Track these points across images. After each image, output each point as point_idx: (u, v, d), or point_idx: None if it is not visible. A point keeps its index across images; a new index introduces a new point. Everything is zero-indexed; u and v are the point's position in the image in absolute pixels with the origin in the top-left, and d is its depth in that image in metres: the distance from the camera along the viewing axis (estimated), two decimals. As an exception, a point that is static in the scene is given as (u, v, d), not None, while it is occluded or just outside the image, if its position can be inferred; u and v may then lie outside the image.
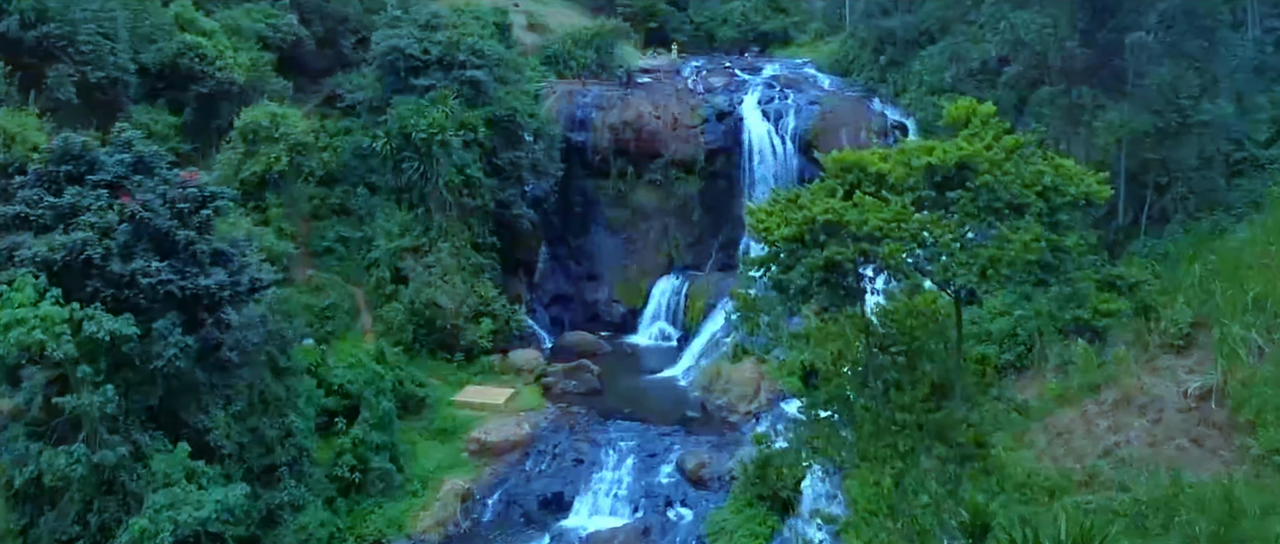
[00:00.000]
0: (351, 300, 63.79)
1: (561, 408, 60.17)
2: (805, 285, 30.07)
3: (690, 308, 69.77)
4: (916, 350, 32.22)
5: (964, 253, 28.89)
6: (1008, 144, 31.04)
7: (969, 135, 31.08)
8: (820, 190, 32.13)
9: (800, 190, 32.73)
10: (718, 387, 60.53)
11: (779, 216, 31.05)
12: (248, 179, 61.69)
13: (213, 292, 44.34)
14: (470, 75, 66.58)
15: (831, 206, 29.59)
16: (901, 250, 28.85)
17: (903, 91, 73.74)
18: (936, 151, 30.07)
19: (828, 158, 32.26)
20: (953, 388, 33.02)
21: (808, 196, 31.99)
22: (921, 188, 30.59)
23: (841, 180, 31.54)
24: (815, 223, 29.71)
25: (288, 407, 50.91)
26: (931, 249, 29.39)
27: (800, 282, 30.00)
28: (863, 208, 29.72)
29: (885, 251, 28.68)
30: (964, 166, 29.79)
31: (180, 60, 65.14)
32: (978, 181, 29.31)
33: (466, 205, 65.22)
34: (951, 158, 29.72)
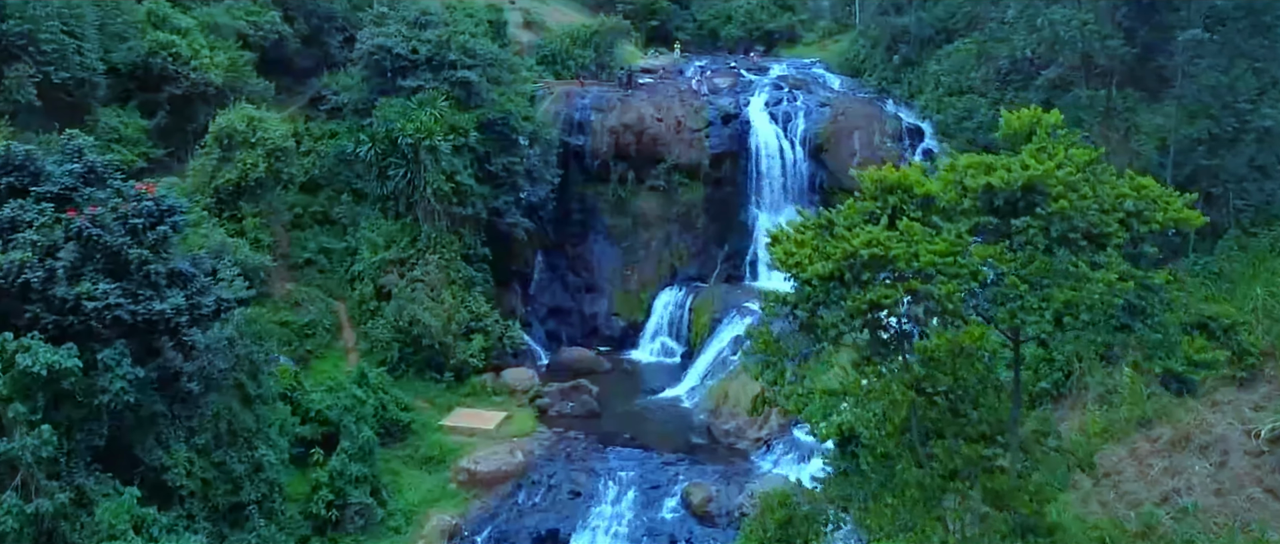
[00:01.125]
0: (333, 316, 58.37)
1: (557, 433, 54.71)
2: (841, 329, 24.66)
3: (694, 322, 64.35)
4: (961, 396, 26.85)
5: (1035, 295, 23.48)
6: (1076, 157, 25.62)
7: (1034, 151, 25.61)
8: (854, 212, 26.77)
9: (832, 213, 27.31)
10: (725, 409, 55.18)
11: (810, 247, 25.63)
12: (222, 187, 56.32)
13: (169, 317, 38.84)
14: (461, 76, 61.13)
15: (875, 238, 24.19)
16: (959, 291, 23.50)
17: (918, 93, 68.44)
18: (997, 172, 24.69)
19: (866, 176, 26.89)
20: (1003, 436, 27.71)
21: (841, 220, 26.63)
22: (977, 213, 25.24)
23: (881, 203, 26.19)
24: (857, 257, 24.29)
25: (258, 438, 45.75)
26: (995, 289, 24.02)
27: (837, 326, 24.59)
28: (912, 239, 24.33)
29: (940, 293, 23.33)
30: (1032, 189, 24.41)
31: (152, 60, 59.78)
32: (1051, 208, 23.91)
33: (456, 214, 59.78)
34: (1017, 179, 24.33)
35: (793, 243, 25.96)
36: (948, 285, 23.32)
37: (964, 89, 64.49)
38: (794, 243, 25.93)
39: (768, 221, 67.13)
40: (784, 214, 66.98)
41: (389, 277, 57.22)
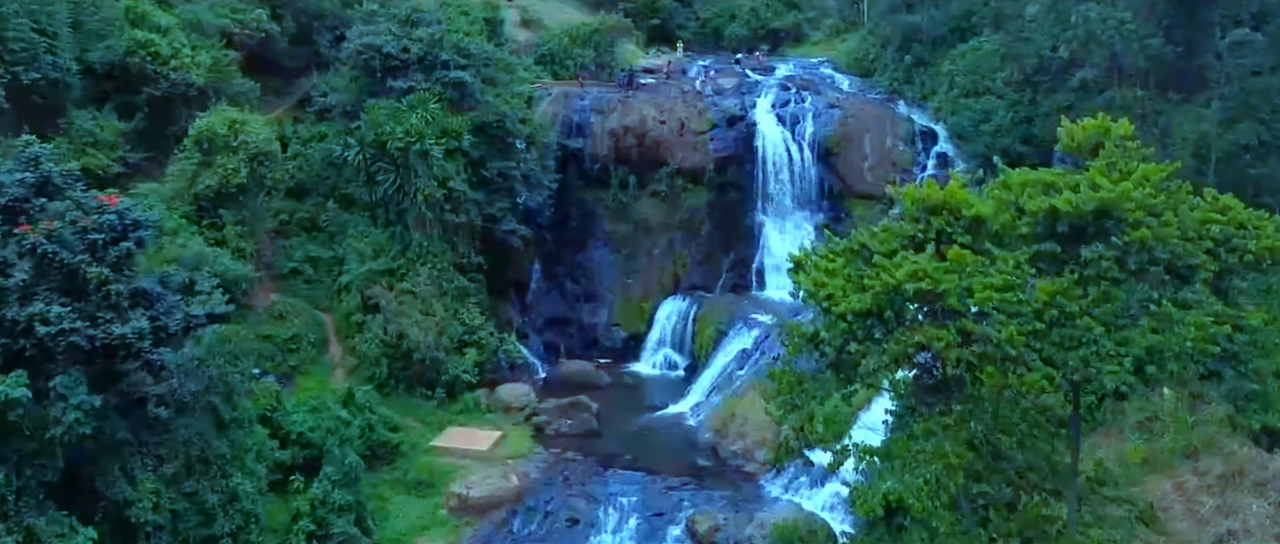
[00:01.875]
0: (320, 329, 54.44)
1: (555, 454, 50.85)
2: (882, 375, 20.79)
3: (699, 334, 60.46)
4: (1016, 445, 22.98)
5: (1112, 338, 19.64)
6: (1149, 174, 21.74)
7: (1103, 167, 21.72)
8: (891, 236, 22.94)
9: (865, 235, 23.42)
10: (732, 429, 51.30)
11: (842, 277, 21.78)
12: (202, 193, 52.49)
13: (129, 341, 34.91)
14: (454, 76, 57.19)
15: (921, 269, 20.34)
16: (1022, 334, 19.65)
17: (931, 94, 64.60)
18: (1063, 193, 20.83)
19: (907, 194, 23.03)
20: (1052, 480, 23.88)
21: (876, 243, 22.76)
22: (1037, 238, 21.41)
23: (923, 225, 22.35)
24: (900, 292, 20.44)
25: (233, 465, 41.96)
26: (1063, 331, 20.18)
27: (877, 373, 20.73)
28: (964, 270, 20.48)
29: (1001, 336, 19.49)
30: (1105, 214, 20.56)
31: (129, 59, 55.90)
32: (1128, 236, 20.06)
33: (449, 222, 55.82)
34: (1088, 203, 20.48)
35: (821, 271, 22.11)
36: (1008, 327, 19.52)
37: (980, 90, 60.69)
38: (823, 271, 22.08)
39: (775, 228, 63.43)
40: (792, 220, 63.37)
41: (377, 288, 53.16)
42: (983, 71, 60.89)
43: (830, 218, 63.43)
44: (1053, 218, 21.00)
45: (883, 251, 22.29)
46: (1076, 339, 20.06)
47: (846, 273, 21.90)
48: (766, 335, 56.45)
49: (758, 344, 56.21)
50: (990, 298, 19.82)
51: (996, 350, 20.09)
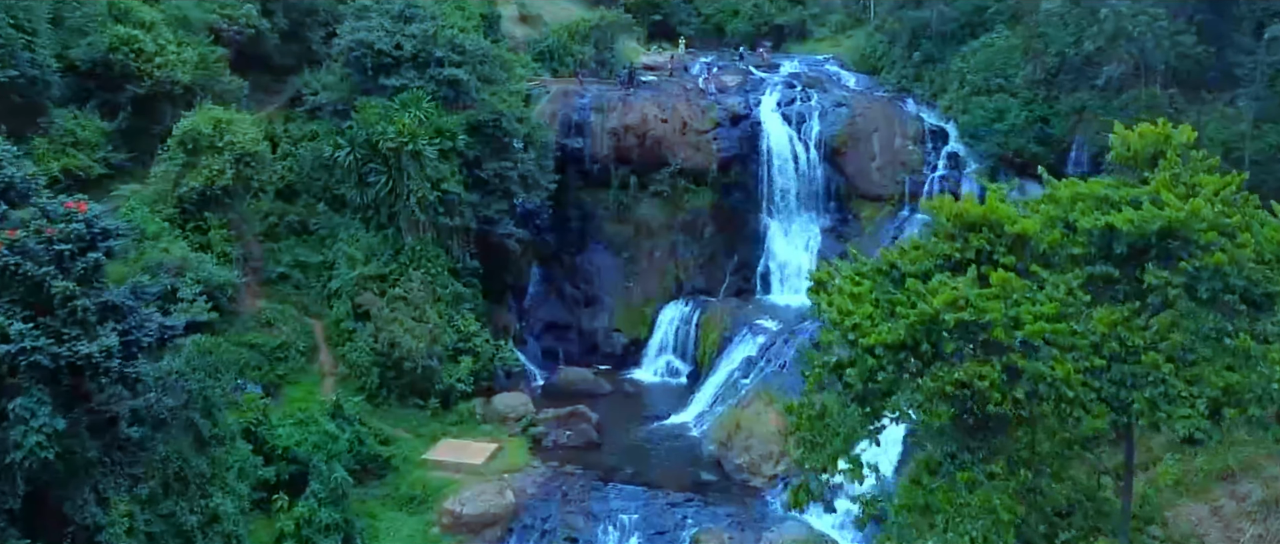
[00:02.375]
0: (309, 336, 51.71)
1: (553, 467, 48.17)
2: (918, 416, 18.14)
3: (702, 339, 57.81)
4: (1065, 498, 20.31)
5: (1181, 376, 17.01)
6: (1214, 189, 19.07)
7: (1167, 180, 19.04)
8: (924, 255, 20.28)
9: (895, 252, 20.74)
10: (737, 442, 48.64)
11: (870, 303, 19.11)
12: (186, 195, 49.87)
13: (96, 360, 32.24)
14: (449, 74, 54.48)
15: (962, 296, 17.68)
16: (1078, 371, 17.02)
17: (941, 92, 61.89)
18: (1123, 210, 18.16)
19: (941, 209, 20.35)
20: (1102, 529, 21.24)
21: (907, 263, 20.10)
22: (1089, 260, 18.75)
23: (960, 243, 19.69)
24: (938, 322, 17.78)
25: (213, 484, 39.44)
26: (1124, 368, 17.54)
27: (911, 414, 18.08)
28: (1010, 297, 17.82)
29: (1055, 374, 16.87)
30: (1171, 234, 17.91)
31: (112, 56, 53.12)
32: (1201, 261, 17.42)
33: (443, 225, 53.12)
34: (1152, 221, 17.83)
35: (846, 296, 19.42)
36: (1063, 363, 16.87)
37: (993, 88, 57.96)
38: (848, 296, 19.40)
39: (780, 230, 60.78)
40: (797, 222, 60.75)
41: (367, 295, 50.47)
42: (995, 68, 58.13)
43: (837, 220, 60.95)
44: (1109, 237, 18.39)
45: (914, 272, 19.66)
46: (1141, 377, 17.44)
47: (874, 297, 19.26)
48: (772, 343, 53.91)
49: (763, 352, 53.60)
50: (1042, 330, 17.21)
51: (1050, 390, 17.49)
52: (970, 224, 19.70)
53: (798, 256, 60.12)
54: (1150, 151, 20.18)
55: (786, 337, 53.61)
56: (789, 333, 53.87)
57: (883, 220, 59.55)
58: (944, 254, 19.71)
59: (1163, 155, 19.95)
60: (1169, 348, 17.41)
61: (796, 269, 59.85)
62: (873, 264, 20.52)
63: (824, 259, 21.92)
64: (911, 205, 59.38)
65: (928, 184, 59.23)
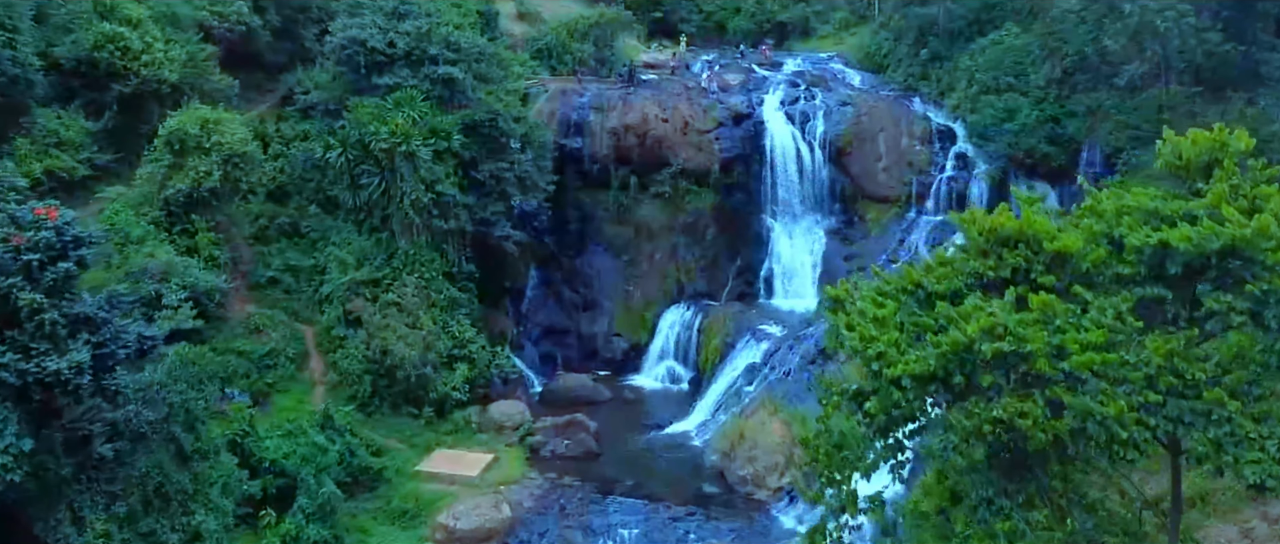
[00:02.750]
0: (299, 343, 49.59)
1: (550, 479, 46.16)
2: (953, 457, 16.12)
3: (704, 344, 55.72)
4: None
5: (1248, 414, 15.01)
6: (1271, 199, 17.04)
7: (1225, 192, 17.01)
8: (953, 273, 18.26)
9: (920, 270, 18.72)
10: (740, 452, 46.57)
11: (895, 326, 17.10)
12: (173, 197, 47.86)
13: (65, 377, 30.23)
14: (443, 72, 52.45)
15: (1001, 324, 15.68)
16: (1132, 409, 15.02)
17: (949, 90, 59.81)
18: (1179, 227, 16.15)
19: (972, 223, 18.33)
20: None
21: (934, 281, 18.08)
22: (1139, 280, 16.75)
23: (994, 260, 17.69)
24: (973, 352, 15.77)
25: (196, 501, 37.70)
26: (1183, 404, 15.54)
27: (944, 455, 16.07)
28: (1053, 323, 15.82)
29: (1106, 413, 14.88)
30: (1232, 253, 15.90)
31: (98, 54, 51.04)
32: (1270, 284, 15.41)
33: (438, 228, 51.08)
34: (1212, 240, 15.82)
35: (869, 319, 17.40)
36: (1114, 400, 14.86)
37: (1003, 87, 55.94)
38: (871, 319, 17.38)
39: (784, 233, 58.74)
40: (802, 224, 58.72)
41: (359, 301, 48.43)
42: (1005, 67, 56.09)
43: (842, 222, 58.92)
44: (1161, 256, 16.41)
45: (942, 292, 17.67)
46: (1201, 414, 15.45)
47: (899, 321, 17.27)
48: (776, 349, 51.86)
49: (767, 358, 51.54)
50: (1090, 361, 15.22)
51: (1100, 429, 15.51)
52: (1005, 240, 17.69)
53: (802, 259, 58.07)
54: (1204, 160, 18.19)
55: (791, 343, 51.58)
56: (793, 339, 51.84)
57: (889, 222, 57.50)
58: (975, 272, 17.69)
59: (1219, 164, 17.96)
60: (1233, 382, 15.44)
61: (801, 272, 57.88)
62: (897, 282, 18.48)
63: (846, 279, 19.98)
64: (919, 207, 57.39)
65: (935, 185, 57.25)
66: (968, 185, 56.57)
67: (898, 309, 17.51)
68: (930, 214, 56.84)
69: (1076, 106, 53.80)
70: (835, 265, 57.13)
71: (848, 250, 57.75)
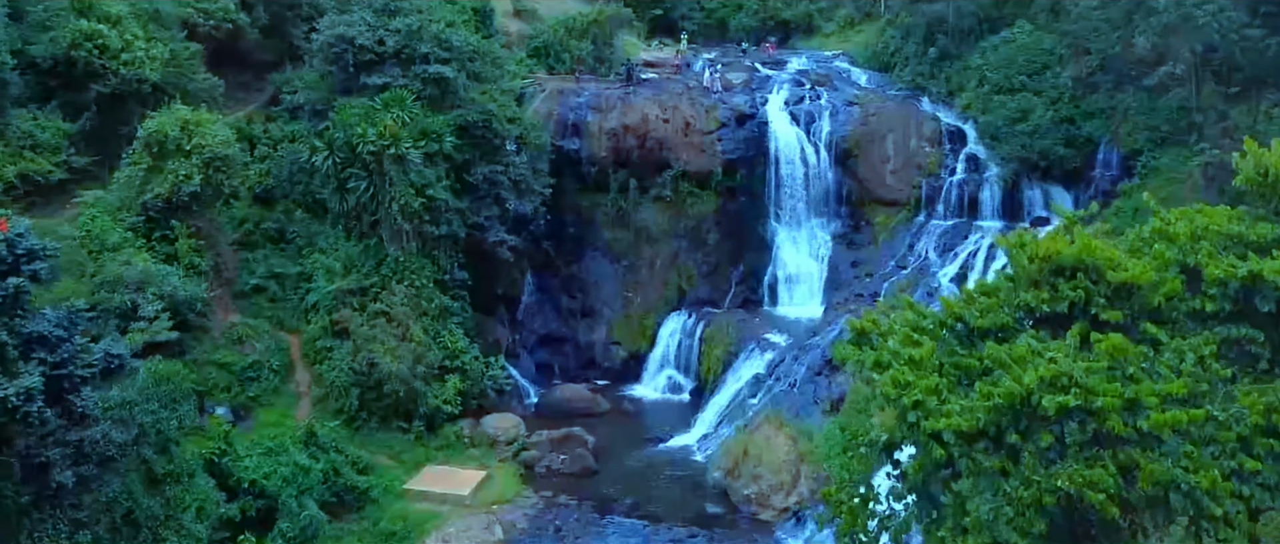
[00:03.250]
0: (284, 354, 46.91)
1: (545, 498, 43.56)
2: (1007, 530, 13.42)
3: (706, 353, 53.03)
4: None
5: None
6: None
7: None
8: (995, 304, 15.59)
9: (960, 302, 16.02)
10: (744, 469, 43.84)
11: (933, 367, 14.42)
12: (152, 202, 45.05)
13: (13, 405, 27.60)
14: (435, 71, 49.67)
15: (1064, 374, 13.00)
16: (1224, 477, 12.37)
17: (959, 90, 57.12)
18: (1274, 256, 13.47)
19: (1022, 248, 15.64)
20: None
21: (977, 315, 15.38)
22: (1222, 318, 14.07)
23: (1049, 291, 15.01)
24: (1030, 405, 13.11)
25: (168, 527, 35.42)
26: None
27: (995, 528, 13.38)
28: (1125, 371, 13.14)
29: (1202, 484, 12.22)
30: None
31: (75, 53, 48.25)
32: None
33: (429, 234, 48.35)
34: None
35: (903, 360, 14.71)
36: (1206, 469, 12.20)
37: (1016, 87, 53.26)
38: (905, 360, 14.69)
39: (788, 237, 56.05)
40: (806, 229, 56.02)
41: (346, 311, 45.74)
42: (1018, 65, 53.40)
43: (849, 226, 56.20)
44: (1249, 290, 13.76)
45: (987, 326, 15.02)
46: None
47: (938, 361, 14.60)
48: (781, 359, 49.21)
49: (771, 369, 48.88)
50: (1175, 419, 12.55)
51: (1185, 502, 12.85)
52: (1060, 267, 15.02)
53: (807, 265, 55.36)
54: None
55: (797, 353, 48.91)
56: (799, 349, 49.17)
57: (898, 227, 54.78)
58: (1025, 305, 15.02)
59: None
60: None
61: (806, 279, 55.21)
62: (934, 315, 15.79)
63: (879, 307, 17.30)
64: (928, 211, 54.71)
65: (945, 188, 54.56)
66: (979, 188, 53.96)
67: (936, 347, 14.86)
68: (940, 218, 54.19)
69: (1092, 107, 51.25)
70: (842, 271, 54.57)
71: (855, 256, 55.06)
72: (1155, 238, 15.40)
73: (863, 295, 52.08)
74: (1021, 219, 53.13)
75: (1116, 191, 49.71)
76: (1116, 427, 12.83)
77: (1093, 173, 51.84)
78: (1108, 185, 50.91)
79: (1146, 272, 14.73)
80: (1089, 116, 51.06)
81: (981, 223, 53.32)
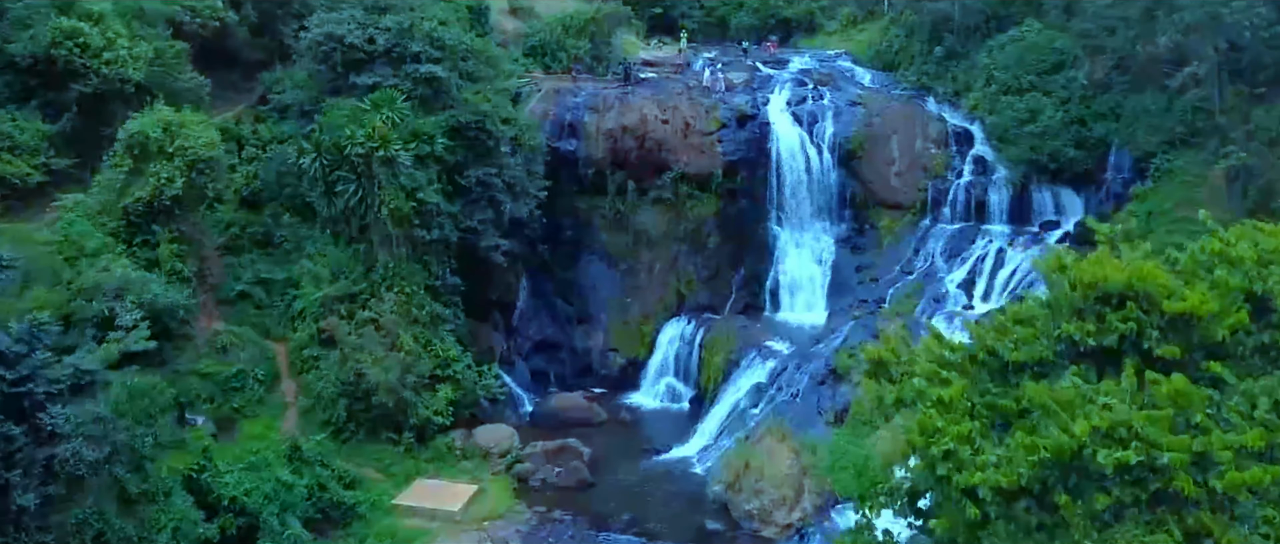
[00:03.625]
0: (270, 363, 45.04)
1: (539, 513, 41.58)
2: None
3: (706, 361, 51.07)
4: None
5: None
6: None
7: None
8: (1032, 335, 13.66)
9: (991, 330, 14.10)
10: (746, 484, 41.79)
11: (963, 412, 12.51)
12: (133, 206, 43.19)
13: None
14: (426, 71, 47.72)
15: (1123, 424, 11.10)
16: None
17: (965, 90, 55.16)
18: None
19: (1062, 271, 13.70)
20: None
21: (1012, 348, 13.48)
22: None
23: (1095, 322, 13.11)
24: (1082, 459, 11.19)
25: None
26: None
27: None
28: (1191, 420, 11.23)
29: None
30: None
31: (55, 51, 46.36)
32: None
33: (420, 239, 46.40)
34: None
35: (930, 401, 12.78)
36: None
37: (1024, 86, 51.33)
38: (933, 401, 12.77)
39: (791, 241, 54.11)
40: (809, 232, 54.08)
41: (333, 319, 43.81)
42: (1027, 64, 51.45)
43: (853, 230, 54.28)
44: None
45: (1023, 361, 13.13)
46: None
47: (969, 403, 12.70)
48: (783, 368, 47.28)
49: (773, 378, 46.95)
50: (1258, 479, 10.63)
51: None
52: (1106, 295, 13.11)
53: (810, 270, 53.41)
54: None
55: (799, 361, 47.00)
56: (802, 357, 47.26)
57: (903, 230, 52.86)
58: (1067, 338, 13.11)
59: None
60: None
61: (809, 284, 53.27)
62: (963, 347, 13.85)
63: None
64: (934, 214, 52.78)
65: (952, 191, 52.65)
66: (987, 191, 52.06)
67: (967, 386, 12.95)
68: (947, 222, 52.31)
69: (1103, 107, 49.35)
70: (846, 276, 52.66)
71: (859, 260, 53.14)
72: (1214, 260, 13.48)
73: (867, 301, 50.30)
74: (1031, 223, 51.36)
75: (1129, 195, 47.90)
76: (1186, 487, 10.94)
77: (1104, 175, 49.95)
78: (1120, 188, 49.10)
79: (1207, 301, 12.80)
80: (1100, 117, 49.16)
81: (989, 227, 51.42)
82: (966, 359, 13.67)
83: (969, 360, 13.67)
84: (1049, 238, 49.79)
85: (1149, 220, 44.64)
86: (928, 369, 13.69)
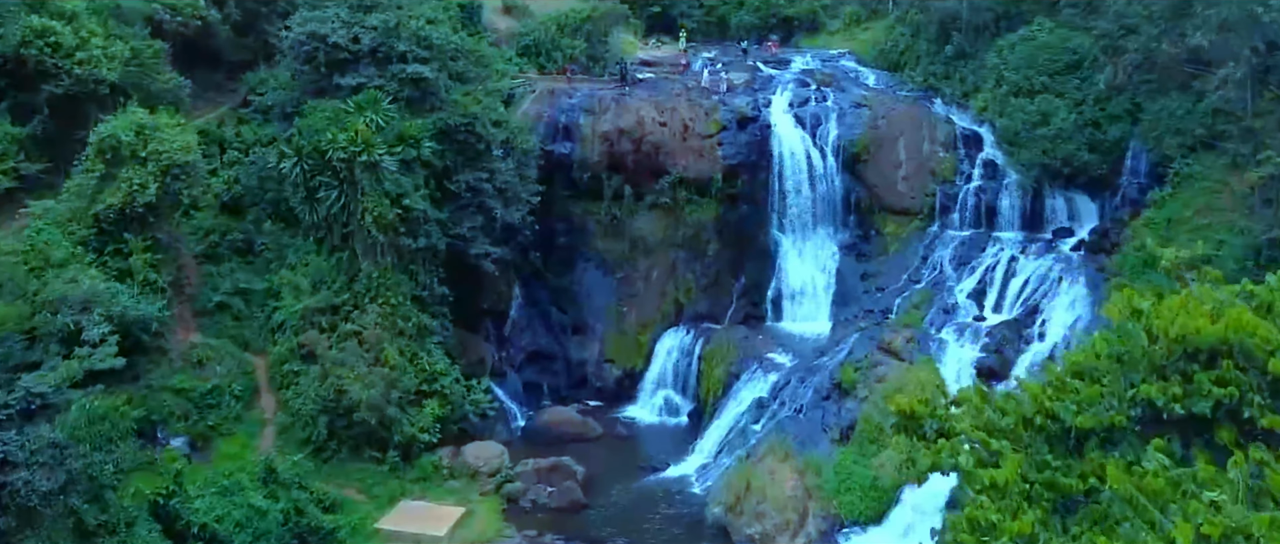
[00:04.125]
0: (248, 378, 42.52)
1: (530, 538, 39.13)
2: None
3: (705, 373, 48.53)
4: None
5: None
6: None
7: None
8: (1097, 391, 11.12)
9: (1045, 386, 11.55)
10: (747, 506, 39.31)
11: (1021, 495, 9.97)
12: (104, 213, 40.64)
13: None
14: (413, 71, 45.20)
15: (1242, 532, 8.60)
16: None
17: (974, 91, 52.50)
18: None
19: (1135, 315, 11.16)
20: None
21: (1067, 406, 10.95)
22: None
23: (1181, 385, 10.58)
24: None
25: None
26: None
27: None
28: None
29: None
30: None
31: (25, 51, 43.81)
32: None
33: (406, 247, 43.86)
34: None
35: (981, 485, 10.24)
36: None
37: (1036, 88, 48.69)
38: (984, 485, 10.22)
39: (793, 248, 51.53)
40: (813, 239, 51.48)
41: (313, 333, 41.27)
42: (1039, 65, 48.80)
43: (857, 236, 51.69)
44: None
45: (1088, 428, 10.63)
46: None
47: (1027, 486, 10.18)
48: (785, 381, 44.76)
49: (775, 392, 44.43)
50: None
51: None
52: (1194, 351, 10.60)
53: (813, 278, 50.79)
54: None
55: (803, 374, 44.46)
56: (805, 370, 44.72)
57: (910, 237, 50.23)
58: (1146, 400, 10.61)
59: None
60: None
61: (812, 292, 50.69)
62: (1015, 410, 11.32)
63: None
64: (943, 220, 50.20)
65: (961, 196, 50.05)
66: (997, 196, 49.48)
67: (1022, 461, 10.46)
68: (956, 228, 49.70)
69: (1118, 109, 46.76)
70: (850, 284, 50.07)
71: (864, 267, 50.53)
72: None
73: (873, 311, 47.71)
74: (1043, 230, 48.78)
75: (1146, 201, 45.31)
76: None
77: (1120, 180, 47.32)
78: (1136, 194, 46.47)
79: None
80: (1115, 120, 46.55)
81: (1000, 234, 48.80)
82: (1021, 421, 11.18)
83: (1023, 423, 11.18)
84: (1063, 245, 47.25)
85: (1168, 228, 42.11)
86: (973, 434, 11.21)
